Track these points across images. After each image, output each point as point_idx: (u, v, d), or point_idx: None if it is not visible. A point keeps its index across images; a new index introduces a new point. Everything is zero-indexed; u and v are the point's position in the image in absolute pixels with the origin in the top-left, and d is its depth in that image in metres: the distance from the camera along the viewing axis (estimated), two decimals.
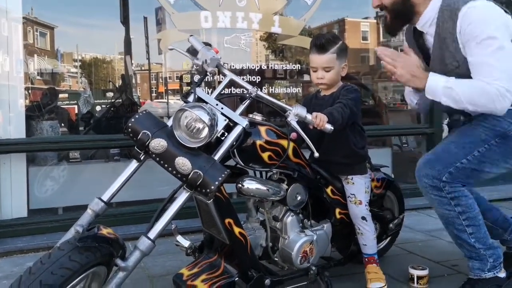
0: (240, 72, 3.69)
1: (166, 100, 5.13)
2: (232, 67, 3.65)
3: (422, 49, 2.13)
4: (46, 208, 3.37)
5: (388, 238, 2.62)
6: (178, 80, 4.71)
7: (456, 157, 1.99)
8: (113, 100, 5.20)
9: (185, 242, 1.95)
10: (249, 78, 3.71)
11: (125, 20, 4.82)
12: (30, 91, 4.90)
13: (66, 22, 4.62)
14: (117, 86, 5.51)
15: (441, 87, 1.91)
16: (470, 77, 1.92)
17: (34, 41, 5.67)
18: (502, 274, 2.10)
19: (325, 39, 2.14)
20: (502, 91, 1.83)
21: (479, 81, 1.87)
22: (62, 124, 4.41)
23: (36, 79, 4.89)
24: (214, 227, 1.89)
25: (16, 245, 2.85)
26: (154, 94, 6.18)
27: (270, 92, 3.86)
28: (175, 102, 4.89)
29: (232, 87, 3.24)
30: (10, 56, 3.13)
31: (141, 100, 5.83)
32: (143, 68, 6.26)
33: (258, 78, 3.76)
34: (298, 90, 4.13)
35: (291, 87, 4.14)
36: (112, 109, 4.92)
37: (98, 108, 5.37)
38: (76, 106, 5.16)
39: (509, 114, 1.94)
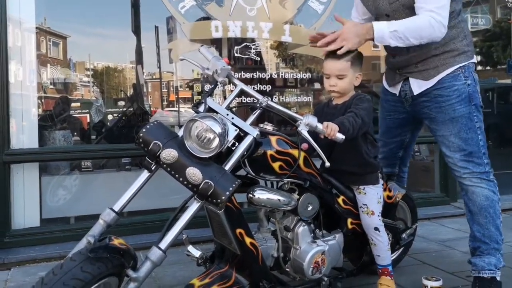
0: (250, 81, 3.69)
1: (177, 109, 5.15)
2: (242, 76, 3.66)
3: None
4: (58, 217, 3.39)
5: (401, 249, 2.58)
6: (189, 89, 4.74)
7: (475, 140, 2.20)
8: (124, 109, 5.23)
9: (196, 252, 1.93)
10: (260, 87, 3.71)
11: (136, 30, 4.87)
12: (43, 101, 4.96)
13: (78, 31, 4.67)
14: (128, 95, 5.55)
15: (387, 33, 2.04)
16: (413, 6, 2.09)
17: (47, 51, 5.74)
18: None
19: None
20: (437, 19, 2.02)
21: (418, 16, 2.05)
22: (75, 133, 4.45)
23: (48, 88, 4.95)
24: (225, 237, 1.89)
25: (29, 255, 2.86)
26: (165, 103, 6.20)
27: (281, 101, 3.87)
28: (186, 110, 4.91)
29: (243, 96, 3.25)
30: (23, 66, 3.17)
31: (152, 109, 5.86)
32: (154, 77, 6.30)
33: (269, 87, 3.76)
34: (309, 98, 4.13)
35: (301, 96, 4.14)
36: (123, 118, 4.94)
37: (109, 117, 5.41)
38: (88, 115, 5.21)
39: (454, 78, 2.18)
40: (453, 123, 2.21)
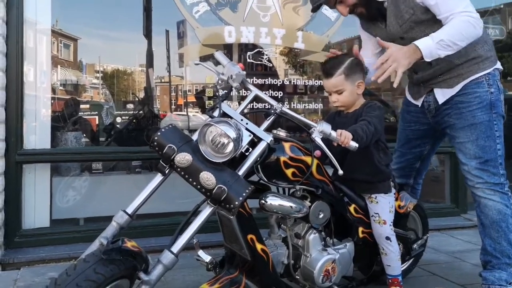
0: (262, 87, 3.70)
1: (185, 113, 5.16)
2: (254, 82, 3.66)
3: (375, 16, 2.25)
4: (68, 218, 3.40)
5: (412, 259, 2.56)
6: (199, 94, 4.75)
7: (494, 148, 2.18)
8: (135, 112, 5.25)
9: (206, 257, 1.93)
10: (272, 93, 3.72)
11: (148, 34, 4.89)
12: (55, 101, 4.99)
13: (89, 34, 4.71)
14: (139, 98, 5.58)
15: (433, 46, 1.99)
16: (424, 21, 2.11)
17: (58, 52, 5.79)
18: None
19: (329, 63, 2.13)
20: (473, 16, 2.02)
21: (453, 20, 2.01)
22: (84, 135, 4.48)
23: (59, 89, 4.99)
24: (236, 242, 1.88)
25: (38, 255, 2.87)
26: (174, 106, 6.22)
27: (292, 107, 3.86)
28: (194, 115, 4.92)
29: (254, 102, 3.24)
30: (36, 67, 3.19)
31: (161, 113, 5.88)
32: (163, 81, 6.33)
33: (281, 93, 3.76)
34: (320, 106, 4.12)
35: (313, 103, 4.13)
36: (134, 120, 4.96)
37: (118, 119, 5.43)
38: (97, 117, 5.24)
39: (477, 85, 2.17)
40: (472, 130, 2.20)
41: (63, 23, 4.48)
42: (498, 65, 2.25)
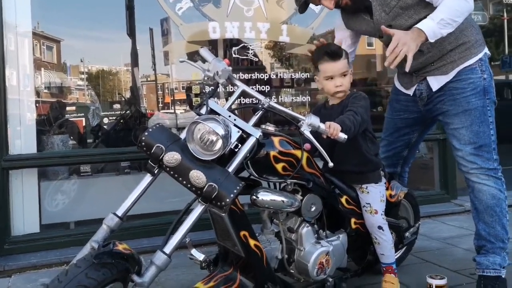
0: (248, 82, 3.68)
1: (173, 111, 5.13)
2: (240, 77, 3.64)
3: (360, 8, 2.26)
4: (58, 222, 3.36)
5: (404, 248, 2.58)
6: (186, 91, 4.72)
7: (487, 134, 2.19)
8: (122, 112, 5.21)
9: (199, 255, 1.92)
10: (258, 88, 3.70)
11: (131, 32, 4.84)
12: (39, 105, 4.92)
13: (72, 35, 4.65)
14: (125, 98, 5.53)
15: (435, 26, 1.99)
16: (411, 6, 2.11)
17: (41, 55, 5.71)
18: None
19: (332, 47, 2.15)
20: None
21: (448, 0, 2.01)
22: (71, 138, 4.43)
23: (43, 92, 4.92)
24: (229, 239, 1.87)
25: (29, 261, 2.84)
26: (161, 105, 6.18)
27: (279, 101, 3.86)
28: (182, 112, 4.89)
29: (242, 97, 3.23)
30: (19, 71, 3.14)
31: (148, 111, 5.83)
32: (149, 79, 6.28)
33: (267, 88, 3.75)
34: (307, 98, 4.11)
35: (300, 96, 4.12)
36: (121, 121, 4.92)
37: (105, 120, 5.38)
38: (84, 119, 5.18)
39: (471, 71, 2.18)
40: (466, 115, 2.20)
41: (45, 24, 4.42)
42: (486, 50, 2.27)
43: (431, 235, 3.33)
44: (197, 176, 1.60)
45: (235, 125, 1.77)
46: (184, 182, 1.62)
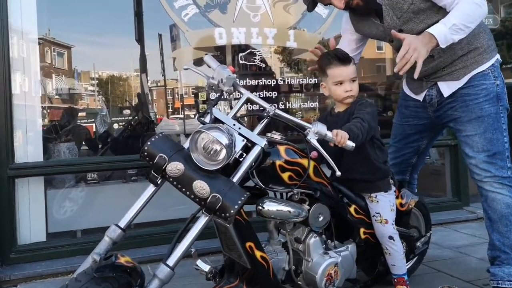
0: (256, 88, 3.64)
1: (182, 116, 5.10)
2: (247, 83, 3.61)
3: (371, 10, 2.20)
4: (64, 231, 3.34)
5: (416, 257, 2.51)
6: (194, 97, 4.70)
7: (501, 141, 2.14)
8: (129, 118, 5.21)
9: (205, 266, 1.88)
10: (265, 94, 3.66)
11: (140, 38, 4.85)
12: (47, 111, 4.94)
13: (82, 41, 4.67)
14: (132, 105, 5.52)
15: (447, 31, 1.94)
16: (423, 10, 2.06)
17: (51, 61, 5.74)
18: None
19: (340, 51, 2.11)
20: None
21: (459, 4, 1.96)
22: (83, 143, 4.43)
23: (54, 98, 4.93)
24: (235, 250, 1.83)
25: (35, 271, 2.81)
26: (170, 110, 6.17)
27: (287, 106, 3.80)
28: (192, 118, 4.86)
29: (248, 104, 3.18)
30: (27, 77, 3.13)
31: (157, 117, 5.82)
32: (159, 84, 6.28)
33: (274, 94, 3.70)
34: (315, 104, 4.06)
35: (308, 101, 4.07)
36: (129, 128, 4.91)
37: (115, 126, 5.38)
38: (94, 125, 5.19)
39: (484, 77, 2.13)
40: (479, 122, 2.15)
41: (55, 31, 4.45)
42: (498, 56, 2.22)
43: (443, 243, 3.25)
44: (201, 186, 1.56)
45: (239, 133, 1.73)
46: (188, 192, 1.58)
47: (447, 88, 2.19)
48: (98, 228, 3.31)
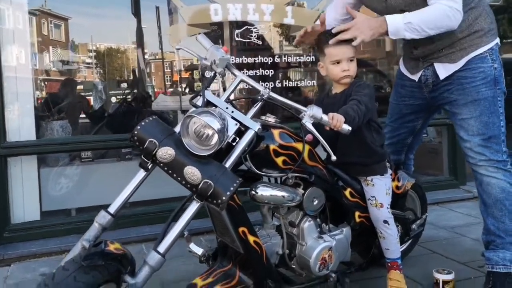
0: (253, 66, 3.57)
1: (177, 94, 5.03)
2: (244, 61, 3.53)
3: None
4: (59, 209, 3.33)
5: (411, 240, 2.50)
6: (190, 73, 4.63)
7: (497, 125, 2.10)
8: (125, 93, 5.14)
9: (198, 249, 1.88)
10: (262, 72, 3.59)
11: (136, 12, 4.75)
12: (45, 84, 4.88)
13: (79, 13, 4.57)
14: (128, 81, 5.44)
15: (401, 25, 1.94)
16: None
17: (48, 33, 5.64)
18: None
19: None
20: (454, 7, 1.93)
21: (432, 6, 1.95)
22: (81, 114, 4.36)
23: (51, 71, 4.86)
24: (228, 234, 1.81)
25: (29, 250, 2.81)
26: (168, 83, 6.10)
27: (284, 84, 3.73)
28: (189, 92, 4.80)
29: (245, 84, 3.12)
30: (19, 50, 3.07)
31: (155, 90, 5.74)
32: (157, 57, 6.18)
33: (271, 71, 3.63)
34: (313, 82, 3.99)
35: (305, 80, 4.00)
36: (124, 104, 4.86)
37: (113, 99, 5.33)
38: (91, 98, 5.14)
39: (481, 60, 2.09)
40: (475, 105, 2.10)
41: (53, 3, 4.36)
42: (498, 40, 2.16)
43: (439, 223, 3.25)
44: (192, 172, 1.52)
45: (232, 117, 1.69)
46: (179, 178, 1.55)
47: (443, 70, 2.14)
48: (93, 207, 3.30)
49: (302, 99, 4.21)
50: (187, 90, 4.69)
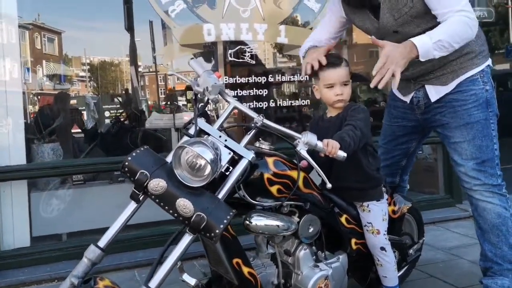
0: (246, 86, 3.55)
1: (170, 112, 5.00)
2: (237, 81, 3.51)
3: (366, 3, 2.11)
4: (49, 235, 3.26)
5: (408, 265, 2.46)
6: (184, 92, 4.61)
7: (491, 148, 2.08)
8: (118, 114, 5.11)
9: (191, 280, 1.81)
10: (256, 92, 3.57)
11: (130, 27, 4.75)
12: (38, 98, 4.82)
13: (73, 26, 4.56)
14: (121, 101, 5.42)
15: (430, 45, 1.87)
16: (422, 15, 1.97)
17: (42, 48, 5.60)
18: None
19: (336, 54, 2.06)
20: (471, 17, 1.91)
21: (451, 19, 1.89)
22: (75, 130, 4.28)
23: (45, 84, 4.81)
24: (221, 265, 1.76)
25: (18, 278, 2.73)
26: (162, 96, 6.08)
27: (278, 104, 3.71)
28: (183, 104, 4.77)
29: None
30: (6, 71, 3.00)
31: (149, 103, 5.71)
32: (151, 70, 6.16)
33: (265, 91, 3.61)
34: (307, 101, 3.97)
35: (299, 99, 3.97)
36: (117, 124, 4.82)
37: (106, 113, 5.30)
38: (84, 115, 5.10)
39: (472, 82, 2.07)
40: (468, 129, 2.08)
41: (46, 16, 4.35)
42: (490, 62, 2.15)
43: (436, 244, 3.21)
44: (184, 205, 1.49)
45: (226, 146, 1.65)
46: (171, 211, 1.51)
47: (434, 92, 2.13)
48: (84, 231, 3.25)
49: (296, 116, 4.20)
50: (182, 103, 4.67)
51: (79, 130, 4.92)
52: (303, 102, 3.93)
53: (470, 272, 2.63)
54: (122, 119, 4.93)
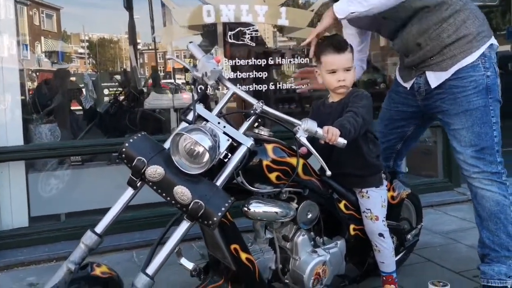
0: (245, 68, 3.51)
1: (169, 92, 4.96)
2: (237, 64, 3.47)
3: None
4: (48, 215, 3.26)
5: (406, 249, 2.47)
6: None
7: (490, 135, 2.06)
8: (117, 94, 5.07)
9: (189, 264, 1.81)
10: (256, 74, 3.53)
11: (128, 6, 4.69)
12: (36, 74, 4.77)
13: (71, 3, 4.49)
14: (119, 81, 5.36)
15: (345, 2, 1.96)
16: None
17: (40, 24, 5.52)
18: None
19: (336, 38, 2.02)
20: None
21: None
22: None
23: (43, 61, 4.76)
24: (219, 250, 1.76)
25: (17, 258, 2.74)
26: (162, 74, 6.02)
27: (278, 87, 3.67)
28: (183, 83, 4.73)
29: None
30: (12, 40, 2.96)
31: (149, 81, 5.65)
32: (150, 48, 6.09)
33: (265, 74, 3.57)
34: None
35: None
36: (116, 104, 4.79)
37: (105, 91, 5.27)
38: (82, 96, 5.06)
39: (473, 68, 2.03)
40: (467, 116, 2.06)
41: None
42: (493, 40, 2.09)
43: (433, 228, 3.22)
44: (182, 192, 1.47)
45: (224, 132, 1.63)
46: (168, 198, 1.50)
47: (434, 78, 2.10)
48: (83, 211, 3.25)
49: (296, 97, 4.15)
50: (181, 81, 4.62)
51: (79, 108, 4.89)
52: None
53: (468, 257, 2.64)
54: (120, 99, 4.89)
